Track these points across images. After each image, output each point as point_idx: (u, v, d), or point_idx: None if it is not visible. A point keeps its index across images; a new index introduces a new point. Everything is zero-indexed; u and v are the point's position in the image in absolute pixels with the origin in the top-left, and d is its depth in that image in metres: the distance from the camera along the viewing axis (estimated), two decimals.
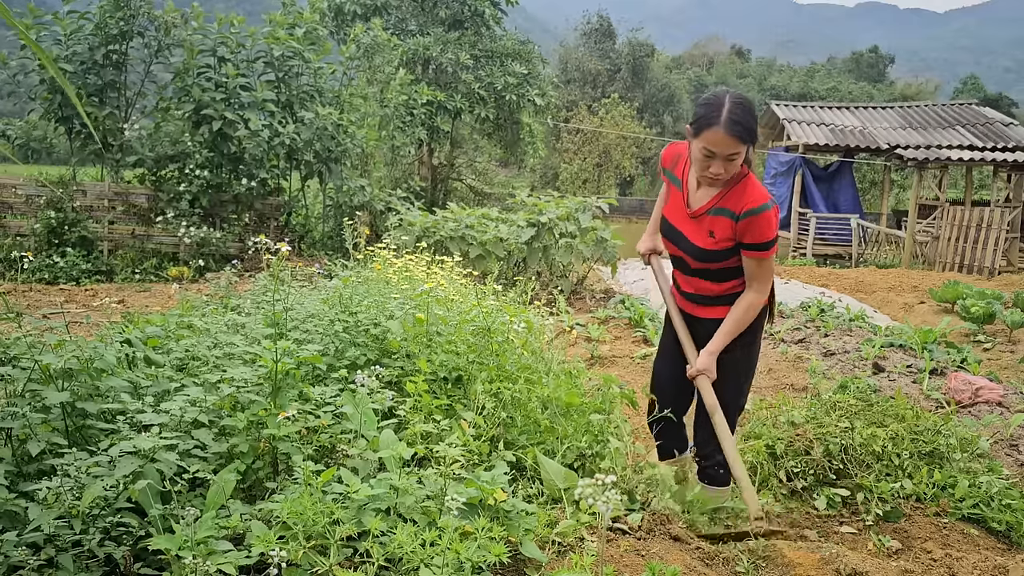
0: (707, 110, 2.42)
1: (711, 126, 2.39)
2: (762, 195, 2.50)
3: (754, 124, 2.44)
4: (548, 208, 8.94)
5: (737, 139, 2.39)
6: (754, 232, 2.49)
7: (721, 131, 2.38)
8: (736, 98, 2.42)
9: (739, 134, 2.38)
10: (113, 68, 10.11)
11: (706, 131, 2.41)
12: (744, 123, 2.39)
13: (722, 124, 2.37)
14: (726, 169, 2.45)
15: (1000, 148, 16.45)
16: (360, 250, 4.31)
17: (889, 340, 6.43)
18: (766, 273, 2.57)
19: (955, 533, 2.93)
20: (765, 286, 2.58)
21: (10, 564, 1.73)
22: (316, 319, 3.08)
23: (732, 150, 2.41)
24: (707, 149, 2.43)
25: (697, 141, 2.45)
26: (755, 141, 2.47)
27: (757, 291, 2.58)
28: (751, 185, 2.52)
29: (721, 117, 2.37)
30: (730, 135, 2.37)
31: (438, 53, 15.66)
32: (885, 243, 16.04)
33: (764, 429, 3.41)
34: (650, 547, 2.35)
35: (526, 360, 3.30)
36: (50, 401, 2.12)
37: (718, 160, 2.43)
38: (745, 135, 2.40)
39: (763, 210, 2.48)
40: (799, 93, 44.44)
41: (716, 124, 2.38)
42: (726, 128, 2.37)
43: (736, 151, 2.41)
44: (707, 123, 2.41)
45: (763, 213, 2.47)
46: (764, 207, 2.48)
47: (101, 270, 9.45)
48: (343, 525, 1.89)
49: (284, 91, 10.71)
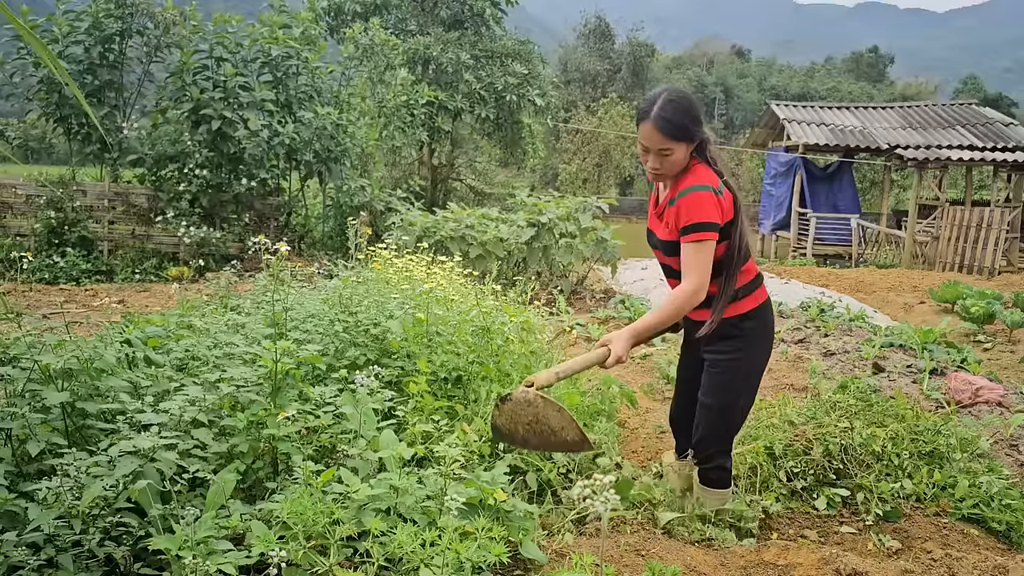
0: (643, 104, 2.51)
1: (643, 121, 2.48)
2: (698, 179, 2.48)
3: (686, 120, 2.45)
4: (548, 208, 8.94)
5: (664, 134, 2.44)
6: (682, 213, 2.47)
7: (649, 125, 2.45)
8: (671, 95, 2.48)
9: (666, 129, 2.43)
10: (110, 68, 10.10)
11: (640, 126, 2.50)
12: (673, 119, 2.43)
13: (651, 119, 2.45)
14: (661, 164, 2.50)
15: (1000, 148, 16.45)
16: (361, 250, 4.31)
17: (889, 340, 6.43)
18: (700, 262, 2.45)
19: (955, 533, 2.93)
20: (699, 277, 2.45)
21: (10, 564, 1.72)
22: (316, 319, 3.08)
23: (661, 145, 2.46)
24: (642, 143, 2.51)
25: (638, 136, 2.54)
26: (690, 138, 2.47)
27: (689, 281, 2.46)
28: (692, 173, 2.52)
29: (651, 113, 2.45)
30: (657, 130, 2.44)
31: (438, 53, 15.65)
32: (885, 243, 16.04)
33: (764, 429, 3.41)
34: (650, 547, 2.35)
35: (525, 360, 3.30)
36: (50, 401, 2.12)
37: (652, 154, 2.50)
38: (673, 131, 2.44)
39: (693, 191, 2.46)
40: (799, 93, 44.46)
41: (646, 119, 2.46)
42: (654, 122, 2.44)
43: (666, 146, 2.46)
44: (640, 117, 2.50)
45: (692, 193, 2.45)
46: (696, 188, 2.46)
47: (101, 270, 9.45)
48: (343, 525, 1.89)
49: (283, 91, 10.70)
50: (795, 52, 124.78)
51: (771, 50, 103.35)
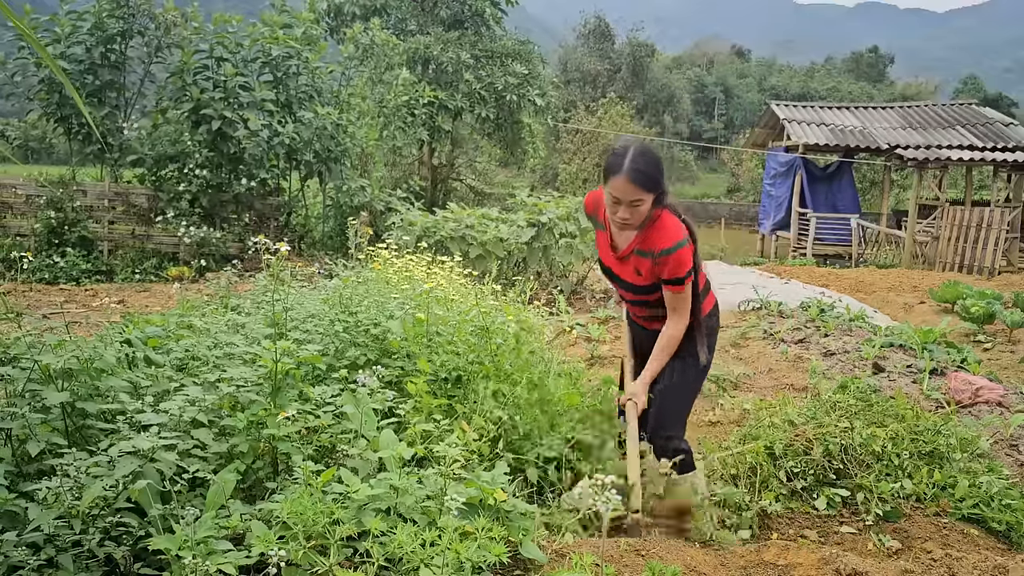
0: (613, 159, 2.62)
1: (615, 174, 2.58)
2: (674, 235, 2.68)
3: (657, 174, 2.61)
4: (548, 208, 8.94)
5: (638, 186, 2.56)
6: (670, 269, 2.68)
7: (623, 178, 2.56)
8: (640, 149, 2.62)
9: (639, 181, 2.55)
10: (111, 68, 10.10)
11: (611, 179, 2.59)
12: (646, 172, 2.57)
13: (624, 172, 2.55)
14: (631, 215, 2.63)
15: (1000, 148, 16.45)
16: (361, 250, 4.31)
17: (889, 340, 6.43)
18: (683, 304, 2.78)
19: (955, 533, 2.93)
20: (684, 316, 2.79)
21: (10, 564, 1.72)
22: (316, 319, 3.08)
23: (634, 196, 2.58)
24: (613, 195, 2.61)
25: (606, 188, 2.64)
26: (660, 190, 2.63)
27: (676, 321, 2.79)
28: (664, 227, 2.70)
29: (624, 166, 2.56)
30: (631, 183, 2.55)
31: (438, 53, 15.65)
32: (885, 243, 16.04)
33: (764, 429, 3.41)
34: (650, 547, 2.35)
35: (522, 362, 3.30)
36: (50, 401, 2.12)
37: (624, 206, 2.61)
38: (646, 183, 2.57)
39: (676, 248, 2.66)
40: (799, 93, 44.45)
41: (619, 172, 2.56)
42: (628, 175, 2.55)
43: (638, 198, 2.58)
44: (612, 171, 2.60)
45: (676, 252, 2.66)
46: (677, 245, 2.66)
47: (101, 270, 9.45)
48: (343, 525, 1.89)
49: (283, 91, 10.70)
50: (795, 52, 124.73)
51: (771, 50, 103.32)
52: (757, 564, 2.42)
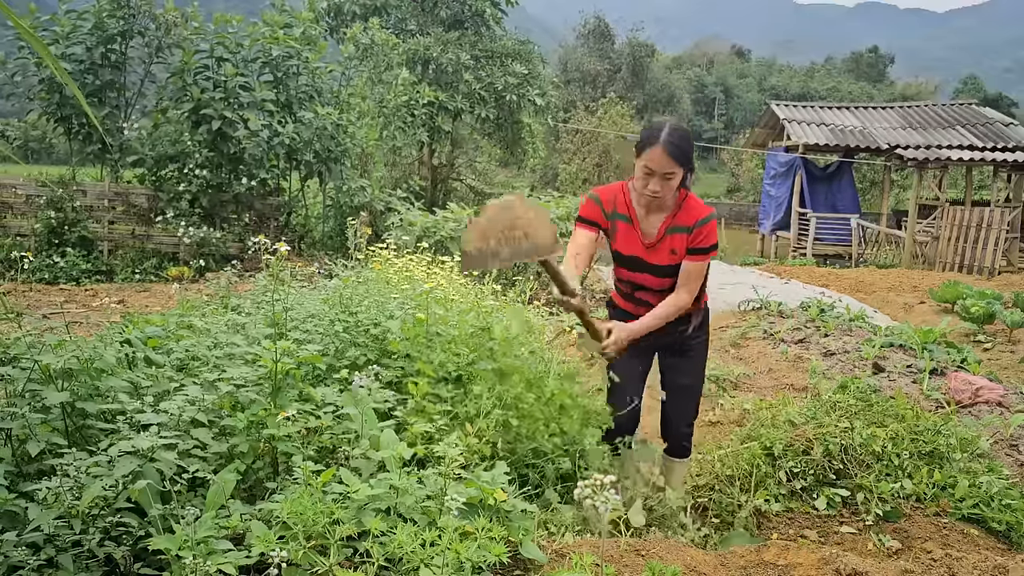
0: (649, 132, 2.77)
1: (652, 145, 2.71)
2: (707, 208, 2.91)
3: (690, 150, 2.76)
4: (548, 208, 8.94)
5: (673, 159, 2.70)
6: (705, 236, 2.86)
7: (659, 149, 2.69)
8: (675, 125, 2.77)
9: (675, 154, 2.70)
10: (112, 68, 10.10)
11: (648, 150, 2.72)
12: (680, 145, 2.71)
13: (661, 143, 2.69)
14: (662, 187, 2.75)
15: (1000, 148, 16.45)
16: (361, 250, 4.30)
17: (889, 340, 6.43)
18: (696, 280, 2.93)
19: (955, 533, 2.93)
20: (692, 292, 2.93)
21: (10, 564, 1.72)
22: (316, 319, 3.08)
23: (668, 168, 2.71)
24: (647, 167, 2.74)
25: (639, 161, 2.77)
26: (691, 167, 2.79)
27: (688, 292, 2.92)
28: (694, 203, 2.90)
29: (661, 138, 2.70)
30: (667, 155, 2.69)
31: (438, 53, 15.64)
32: (885, 243, 16.04)
33: (764, 429, 3.41)
34: (650, 547, 2.35)
35: (519, 362, 3.30)
36: (50, 401, 2.12)
37: (656, 177, 2.74)
38: (680, 156, 2.71)
39: (711, 219, 2.88)
40: (799, 93, 44.46)
41: (656, 143, 2.69)
42: (664, 147, 2.68)
43: (672, 171, 2.72)
44: (648, 143, 2.73)
45: (711, 221, 2.88)
46: (711, 216, 2.88)
47: (101, 270, 9.45)
48: (343, 525, 1.89)
49: (283, 91, 10.70)
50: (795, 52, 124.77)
51: (771, 50, 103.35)
52: (757, 564, 2.42)
